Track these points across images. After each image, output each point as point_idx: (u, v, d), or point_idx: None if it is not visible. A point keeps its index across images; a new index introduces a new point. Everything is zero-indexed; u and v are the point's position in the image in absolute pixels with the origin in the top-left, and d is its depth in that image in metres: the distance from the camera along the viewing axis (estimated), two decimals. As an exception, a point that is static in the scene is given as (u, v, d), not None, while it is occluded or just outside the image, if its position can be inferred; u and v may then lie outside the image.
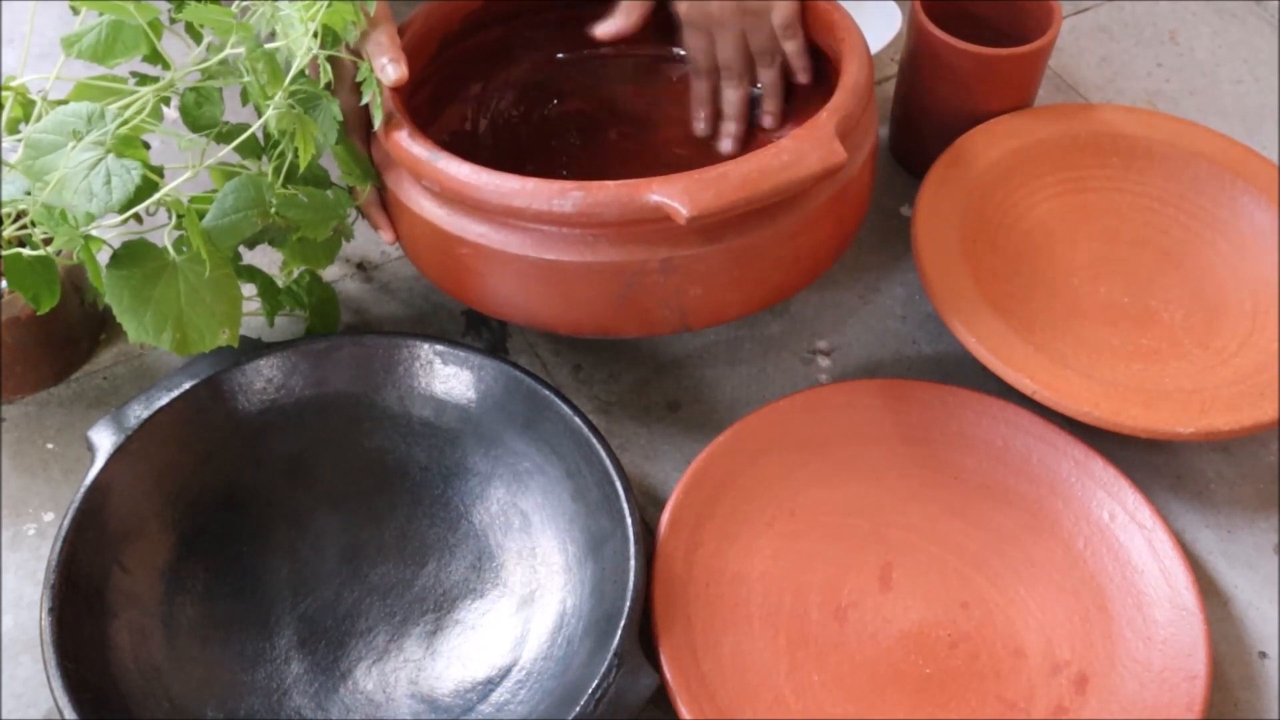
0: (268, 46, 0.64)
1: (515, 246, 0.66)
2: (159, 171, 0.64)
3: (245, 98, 0.67)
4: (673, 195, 0.62)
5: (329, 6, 0.63)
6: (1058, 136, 0.82)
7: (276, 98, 0.63)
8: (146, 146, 0.64)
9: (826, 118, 0.66)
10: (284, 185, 0.66)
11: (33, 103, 0.65)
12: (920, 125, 0.85)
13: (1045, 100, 0.89)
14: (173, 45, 0.68)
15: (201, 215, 0.63)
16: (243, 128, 0.67)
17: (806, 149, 0.64)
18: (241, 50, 0.63)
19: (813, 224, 0.68)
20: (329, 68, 0.66)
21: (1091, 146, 0.82)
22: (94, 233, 0.61)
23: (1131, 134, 0.83)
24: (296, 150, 0.64)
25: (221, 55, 0.64)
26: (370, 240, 0.82)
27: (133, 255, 0.61)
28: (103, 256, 0.61)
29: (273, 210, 0.64)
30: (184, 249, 0.62)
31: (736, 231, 0.65)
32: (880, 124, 0.90)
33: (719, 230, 0.65)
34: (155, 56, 0.67)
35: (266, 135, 0.67)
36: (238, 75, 0.66)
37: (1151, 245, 0.80)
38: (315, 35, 0.63)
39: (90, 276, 0.61)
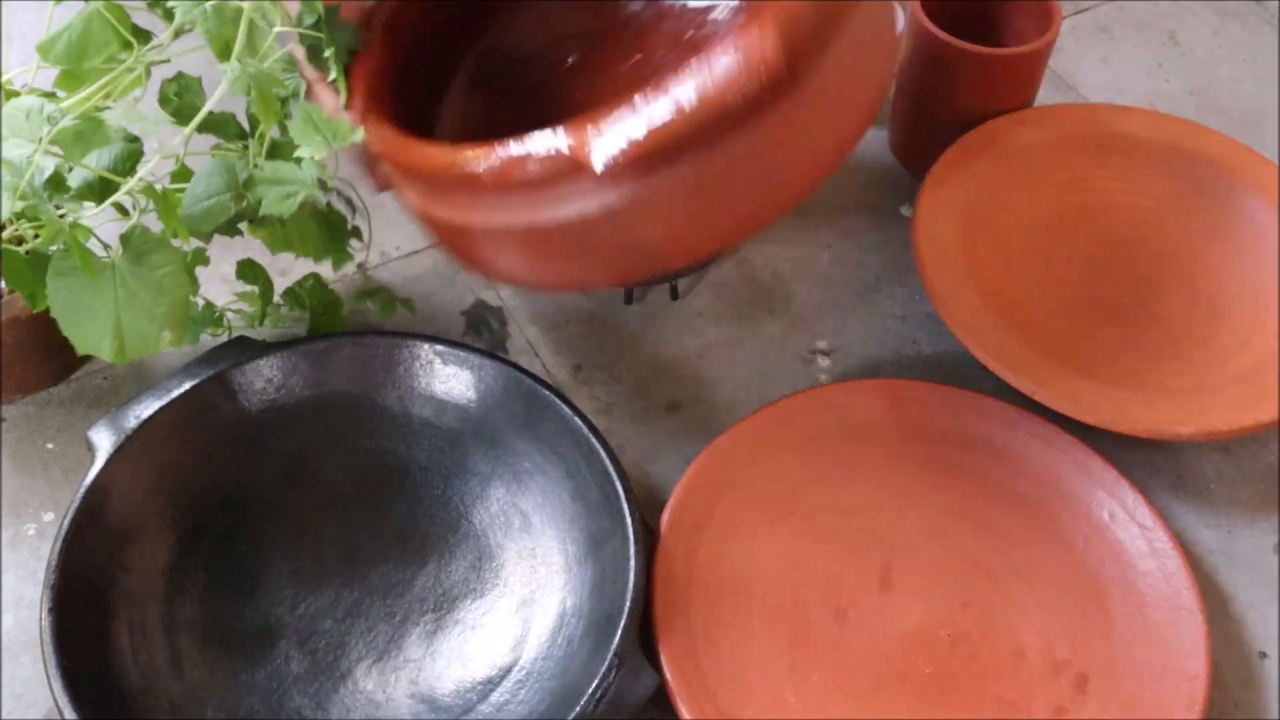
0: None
1: (473, 217, 0.63)
2: (134, 157, 0.63)
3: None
4: (577, 146, 0.55)
5: None
6: (1058, 136, 0.82)
7: (233, 61, 0.62)
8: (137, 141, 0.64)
9: (761, 26, 0.54)
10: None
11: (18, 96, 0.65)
12: (920, 125, 0.85)
13: (1045, 100, 0.89)
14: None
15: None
16: (225, 116, 0.66)
17: (727, 67, 0.53)
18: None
19: (775, 143, 0.58)
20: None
21: (1091, 146, 0.82)
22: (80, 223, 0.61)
23: (1131, 134, 0.83)
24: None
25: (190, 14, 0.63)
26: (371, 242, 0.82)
27: (71, 263, 0.60)
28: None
29: (242, 187, 0.63)
30: (124, 248, 0.61)
31: (678, 166, 0.56)
32: (880, 124, 0.90)
33: (655, 168, 0.56)
34: (128, 46, 0.66)
35: (251, 121, 0.67)
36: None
37: (1151, 245, 0.80)
38: None
39: (80, 265, 0.61)
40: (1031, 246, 0.79)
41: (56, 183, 0.60)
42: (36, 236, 0.63)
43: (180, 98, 0.67)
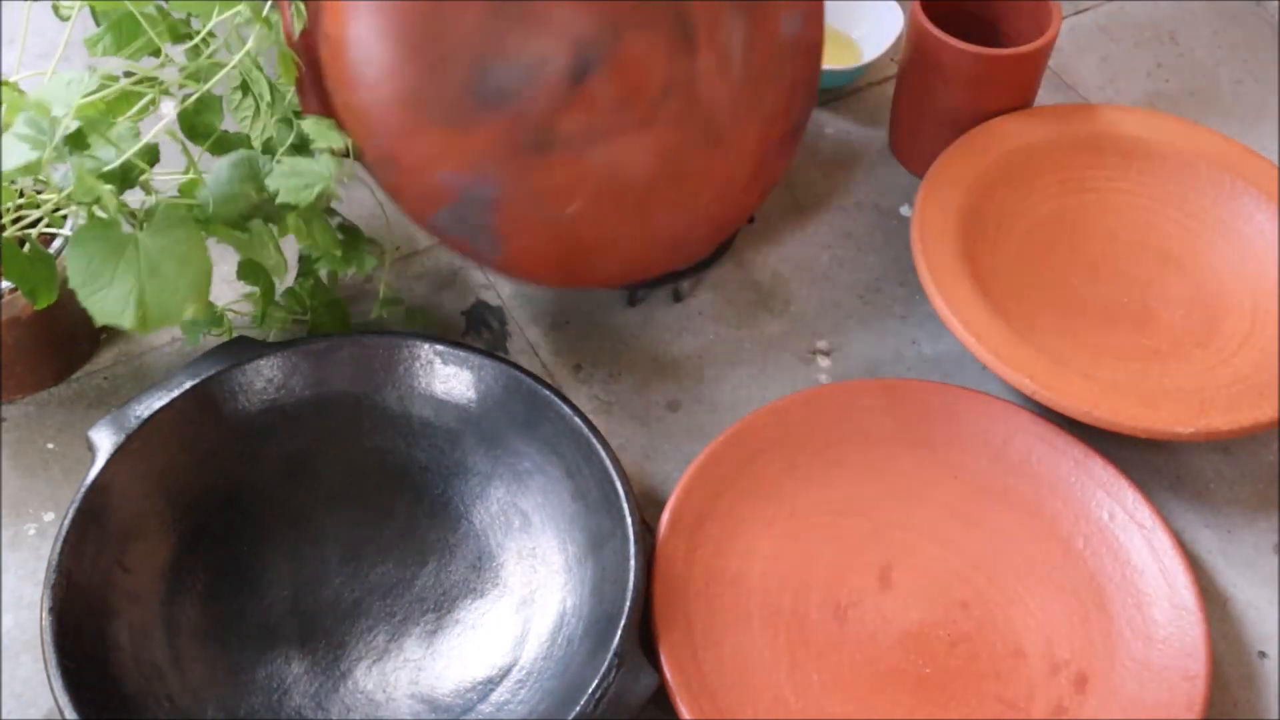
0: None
1: None
2: (151, 153, 0.64)
3: (245, 89, 0.67)
4: None
5: None
6: (1058, 136, 0.82)
7: (259, 28, 0.62)
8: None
9: None
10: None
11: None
12: (920, 125, 0.85)
13: (1045, 100, 0.89)
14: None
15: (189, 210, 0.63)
16: (240, 136, 0.67)
17: None
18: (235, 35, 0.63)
19: None
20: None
21: (1091, 146, 0.82)
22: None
23: (1131, 134, 0.83)
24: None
25: (211, 49, 0.64)
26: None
27: (93, 234, 0.60)
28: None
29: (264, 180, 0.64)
30: (145, 223, 0.61)
31: None
32: (880, 124, 0.90)
33: None
34: (159, 54, 0.67)
35: (267, 148, 0.67)
36: (230, 75, 0.66)
37: (1151, 245, 0.80)
38: None
39: (110, 222, 0.61)
40: (1031, 246, 0.79)
41: (77, 140, 0.60)
42: (47, 240, 0.63)
43: (199, 115, 0.68)
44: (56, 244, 0.68)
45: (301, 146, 0.68)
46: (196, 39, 0.66)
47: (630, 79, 0.66)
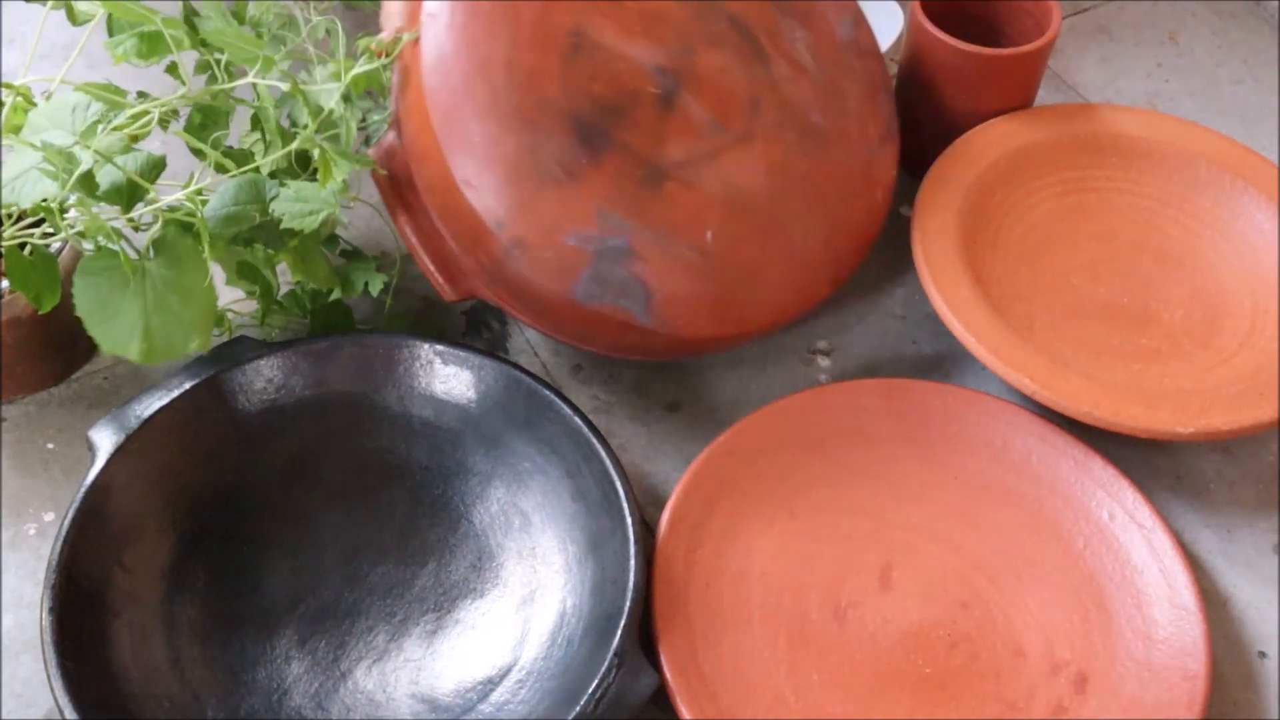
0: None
1: None
2: (158, 167, 0.64)
3: (255, 123, 0.67)
4: None
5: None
6: (1058, 136, 0.82)
7: (308, 128, 0.63)
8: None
9: None
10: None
11: (34, 104, 0.66)
12: (920, 125, 0.85)
13: (1045, 100, 0.89)
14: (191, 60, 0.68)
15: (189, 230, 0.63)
16: (244, 153, 0.67)
17: None
18: (259, 79, 0.63)
19: None
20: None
21: (1091, 146, 0.82)
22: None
23: (1131, 134, 0.83)
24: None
25: (234, 85, 0.64)
26: (370, 244, 0.82)
27: (101, 264, 0.61)
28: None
29: (269, 204, 0.64)
30: (151, 254, 0.61)
31: None
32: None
33: None
34: (173, 68, 0.67)
35: (274, 174, 0.68)
36: (244, 102, 0.66)
37: (1151, 245, 0.80)
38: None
39: (122, 264, 0.61)
40: (1031, 246, 0.79)
41: (86, 181, 0.60)
42: (44, 233, 0.63)
43: (204, 130, 0.68)
44: (56, 244, 0.68)
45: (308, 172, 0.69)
46: (222, 86, 0.66)
47: (717, 93, 0.69)
